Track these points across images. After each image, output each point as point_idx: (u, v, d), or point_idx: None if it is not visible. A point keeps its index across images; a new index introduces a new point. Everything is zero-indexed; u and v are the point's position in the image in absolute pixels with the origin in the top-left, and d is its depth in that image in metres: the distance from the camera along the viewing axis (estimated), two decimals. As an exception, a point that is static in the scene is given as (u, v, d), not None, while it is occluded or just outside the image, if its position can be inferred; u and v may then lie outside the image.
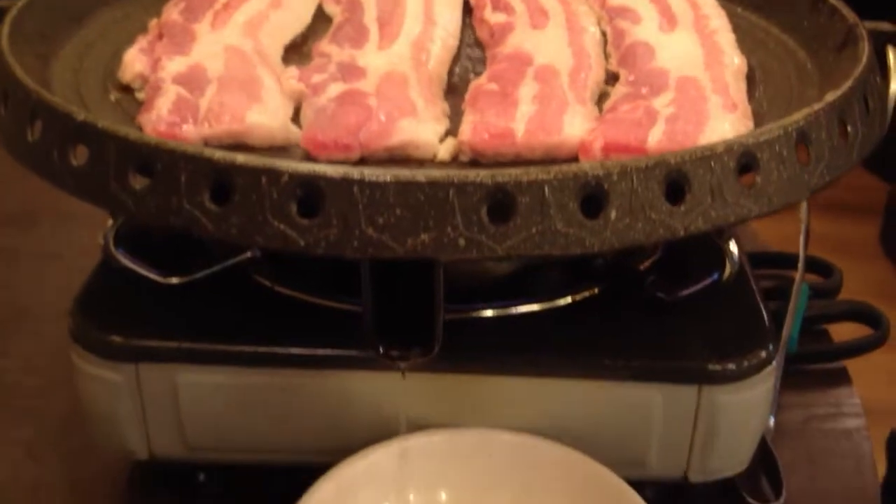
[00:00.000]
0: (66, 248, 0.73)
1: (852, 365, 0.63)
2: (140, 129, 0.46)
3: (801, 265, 0.61)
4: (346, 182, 0.39)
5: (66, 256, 0.63)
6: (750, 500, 0.50)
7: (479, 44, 0.57)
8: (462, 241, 0.39)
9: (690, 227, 0.41)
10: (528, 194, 0.39)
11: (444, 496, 0.47)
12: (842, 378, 0.62)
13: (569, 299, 0.51)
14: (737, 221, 0.41)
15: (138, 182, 0.42)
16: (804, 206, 0.64)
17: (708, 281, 0.49)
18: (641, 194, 0.40)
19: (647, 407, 0.48)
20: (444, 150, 0.48)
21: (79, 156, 0.43)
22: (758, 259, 0.63)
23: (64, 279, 0.51)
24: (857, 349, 0.62)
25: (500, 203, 0.39)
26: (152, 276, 0.50)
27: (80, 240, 0.54)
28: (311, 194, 0.39)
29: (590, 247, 0.40)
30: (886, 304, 0.66)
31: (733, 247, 0.47)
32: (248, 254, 0.52)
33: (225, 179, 0.40)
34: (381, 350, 0.42)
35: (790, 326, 0.59)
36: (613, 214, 0.40)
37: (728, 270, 0.48)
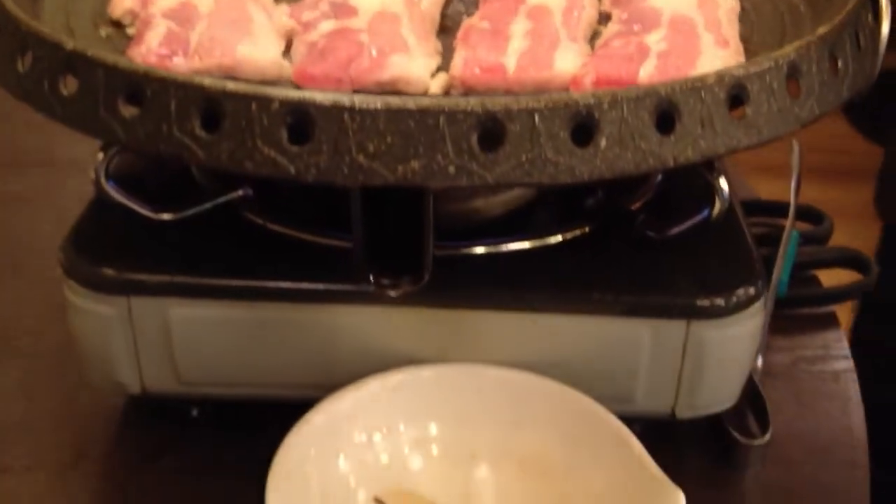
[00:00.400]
0: (58, 195, 0.72)
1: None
2: (130, 61, 0.46)
3: (791, 211, 0.62)
4: (336, 109, 0.39)
5: (58, 203, 0.63)
6: (737, 435, 0.51)
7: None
8: (452, 169, 0.39)
9: (680, 157, 0.41)
10: (519, 122, 0.39)
11: (433, 428, 0.48)
12: (830, 322, 0.62)
13: (559, 238, 0.51)
14: (727, 152, 0.42)
15: (128, 111, 0.42)
16: (796, 151, 0.64)
17: (698, 218, 0.49)
18: (632, 123, 0.40)
19: (636, 342, 0.48)
20: (436, 85, 0.48)
21: (69, 85, 0.43)
22: (749, 207, 0.63)
23: (55, 224, 0.51)
24: (845, 294, 0.63)
25: (491, 131, 0.39)
26: (144, 211, 0.50)
27: (72, 187, 0.54)
28: (302, 121, 0.39)
29: (579, 176, 0.40)
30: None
31: (723, 183, 0.47)
32: (240, 192, 0.52)
33: (215, 107, 0.40)
34: (371, 279, 0.42)
35: (780, 270, 0.59)
36: (603, 143, 0.40)
37: (718, 207, 0.48)
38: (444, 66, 0.49)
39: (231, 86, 0.40)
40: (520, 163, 0.39)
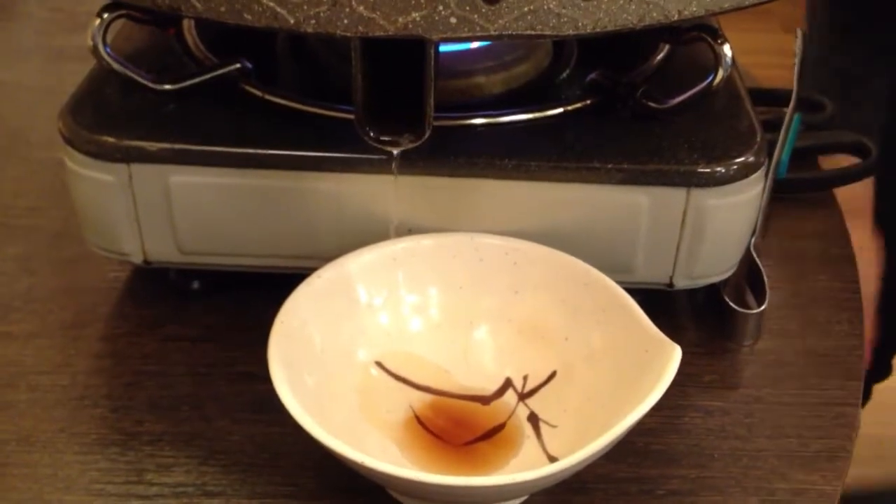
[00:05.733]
0: (57, 83, 0.72)
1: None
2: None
3: (794, 93, 0.61)
4: (336, -42, 0.38)
5: (57, 91, 0.62)
6: (732, 305, 0.51)
7: None
8: (453, 20, 0.39)
9: (685, 10, 0.40)
10: (521, -27, 0.39)
11: (433, 295, 0.48)
12: (830, 206, 0.62)
13: (560, 109, 0.51)
14: (731, 7, 0.41)
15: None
16: (799, 37, 0.64)
17: (700, 86, 0.48)
18: (636, -24, 0.39)
19: (636, 211, 0.48)
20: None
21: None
22: (752, 95, 0.63)
23: (54, 110, 0.50)
24: (846, 177, 0.63)
25: (493, -19, 0.39)
26: (143, 80, 0.50)
27: (71, 76, 0.53)
28: (301, -29, 0.39)
29: (582, 28, 0.39)
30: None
31: (727, 49, 0.47)
32: (238, 64, 0.51)
33: (213, -43, 0.39)
34: (371, 135, 0.42)
35: (781, 151, 0.59)
36: (607, -5, 0.39)
37: (721, 74, 0.47)
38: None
39: (229, -65, 0.39)
40: (522, 14, 0.39)
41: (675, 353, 0.41)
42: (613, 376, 0.44)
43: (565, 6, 0.39)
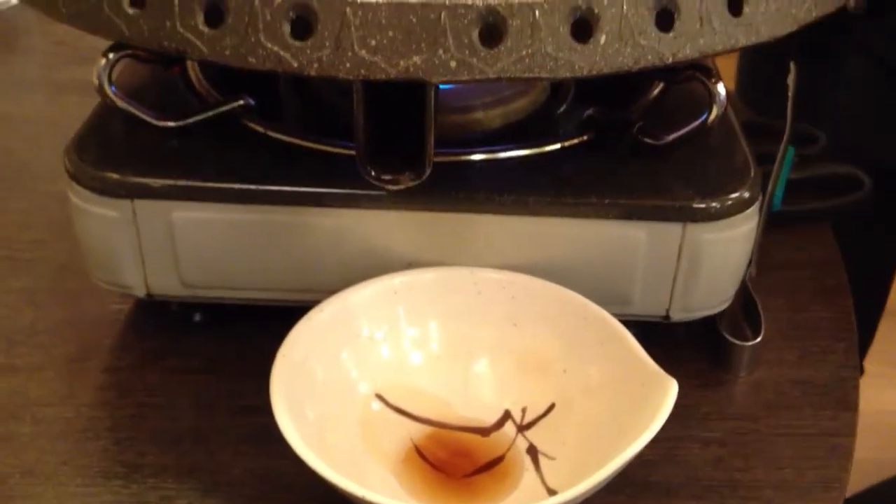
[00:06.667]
0: (61, 116, 0.73)
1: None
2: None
3: (788, 126, 0.62)
4: (338, 3, 0.39)
5: (61, 123, 0.63)
6: (729, 337, 0.52)
7: None
8: (453, 63, 0.40)
9: (678, 54, 0.41)
10: (519, 17, 0.39)
11: (434, 328, 0.49)
12: (824, 237, 0.63)
13: (558, 145, 0.51)
14: (724, 50, 0.42)
15: (131, 9, 0.42)
16: (793, 70, 0.65)
17: (695, 124, 0.49)
18: (631, 20, 0.40)
19: (633, 245, 0.49)
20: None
21: (71, -16, 0.43)
22: (746, 128, 0.64)
23: (59, 142, 0.51)
24: (839, 210, 0.63)
25: (492, 25, 0.40)
26: (147, 117, 0.51)
27: (75, 109, 0.54)
28: (304, 15, 0.40)
29: (579, 70, 0.40)
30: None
31: (721, 88, 0.48)
32: (241, 101, 0.52)
33: (218, 2, 0.40)
34: (372, 174, 0.43)
35: (775, 184, 0.60)
36: (603, 39, 0.40)
37: (715, 112, 0.48)
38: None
39: (234, -20, 0.40)
40: (520, 57, 0.40)
41: (672, 388, 0.42)
42: (611, 409, 0.45)
43: (562, 49, 0.40)
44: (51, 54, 0.85)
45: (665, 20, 0.41)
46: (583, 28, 0.40)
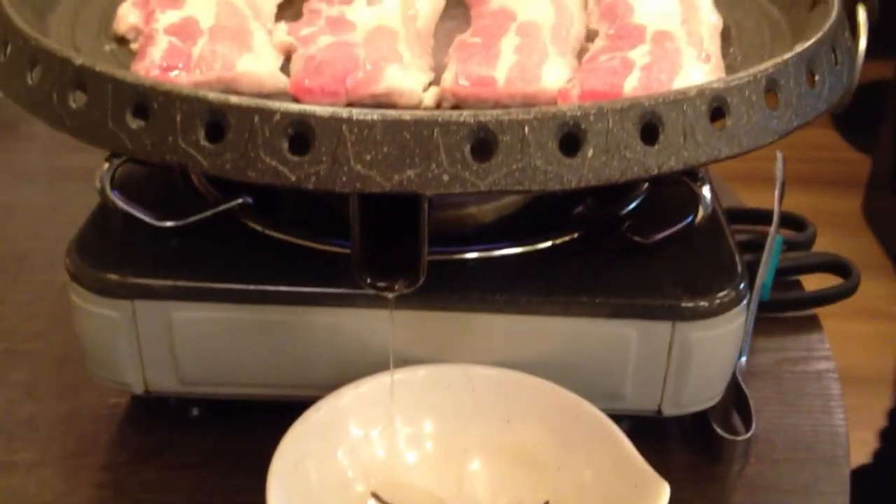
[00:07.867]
0: (62, 203, 0.74)
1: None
2: (135, 74, 0.48)
3: (776, 216, 0.64)
4: (335, 120, 0.41)
5: (62, 211, 0.65)
6: (721, 431, 0.53)
7: (464, 4, 0.59)
8: (446, 177, 0.41)
9: (663, 165, 0.43)
10: (510, 133, 0.41)
11: (428, 425, 0.49)
12: (812, 325, 0.64)
13: (549, 243, 0.53)
14: (707, 161, 0.43)
15: (134, 123, 0.43)
16: (779, 161, 0.66)
17: (682, 224, 0.51)
18: (617, 134, 0.42)
19: (624, 343, 0.50)
20: (428, 98, 0.50)
21: (77, 98, 0.45)
22: (734, 215, 0.65)
23: (60, 231, 0.52)
24: (827, 298, 0.65)
25: (483, 141, 0.41)
26: (147, 219, 0.52)
27: (76, 196, 0.55)
28: (302, 132, 0.41)
29: (567, 183, 0.42)
30: (868, 274, 0.68)
31: (706, 191, 0.49)
32: (240, 200, 0.53)
33: (219, 118, 0.42)
34: (368, 281, 0.44)
35: (764, 274, 0.61)
36: (590, 153, 0.42)
37: (701, 213, 0.50)
38: (436, 83, 0.51)
39: (235, 99, 0.41)
40: (510, 171, 0.41)
41: (665, 491, 0.43)
42: (604, 509, 0.45)
43: (551, 163, 0.41)
44: (53, 141, 0.87)
45: (650, 134, 0.42)
46: (570, 142, 0.41)
